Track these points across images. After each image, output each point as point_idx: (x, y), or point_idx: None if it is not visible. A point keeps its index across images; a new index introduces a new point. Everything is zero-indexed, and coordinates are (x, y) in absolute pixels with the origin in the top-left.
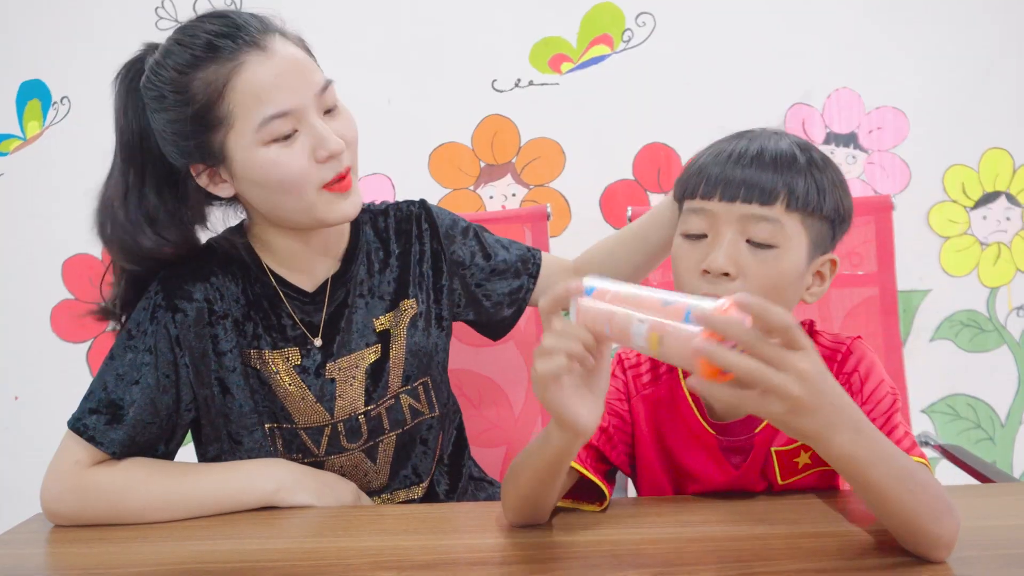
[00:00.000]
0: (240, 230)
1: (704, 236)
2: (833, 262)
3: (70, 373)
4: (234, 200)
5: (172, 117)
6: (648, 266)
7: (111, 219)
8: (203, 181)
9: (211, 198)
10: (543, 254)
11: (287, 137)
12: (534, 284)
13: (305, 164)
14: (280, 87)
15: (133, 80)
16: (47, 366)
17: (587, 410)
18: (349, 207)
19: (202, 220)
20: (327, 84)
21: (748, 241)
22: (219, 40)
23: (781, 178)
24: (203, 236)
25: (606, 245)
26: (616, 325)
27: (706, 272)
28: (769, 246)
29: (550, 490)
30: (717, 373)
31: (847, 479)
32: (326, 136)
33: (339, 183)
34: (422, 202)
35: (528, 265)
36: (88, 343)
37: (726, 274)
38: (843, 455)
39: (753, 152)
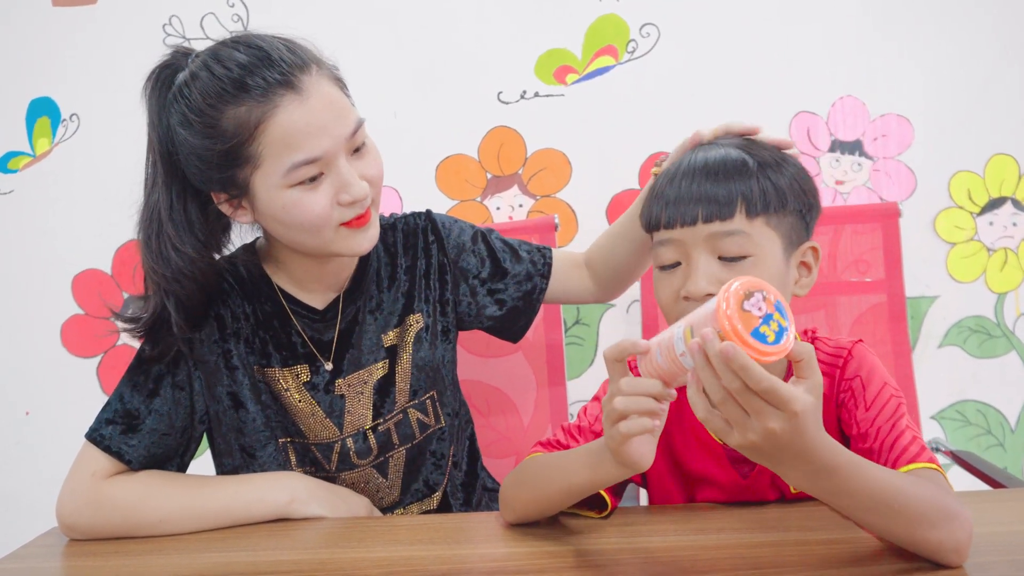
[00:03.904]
0: (252, 249)
1: (678, 264)
2: (814, 249)
3: (80, 388)
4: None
5: (198, 146)
6: (646, 261)
7: (157, 231)
8: (224, 208)
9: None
10: (553, 252)
11: (313, 179)
12: (546, 284)
13: (327, 206)
14: (312, 134)
15: (163, 89)
16: (57, 381)
17: (646, 450)
18: (365, 242)
19: (227, 230)
20: (359, 125)
21: (720, 258)
22: (251, 78)
23: (734, 187)
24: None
25: (609, 238)
26: (664, 345)
27: (687, 299)
28: (742, 257)
29: (570, 504)
30: None
31: None
32: (351, 182)
33: (358, 220)
34: (428, 213)
35: (539, 266)
36: (98, 358)
37: (710, 294)
38: (798, 485)
39: (703, 165)
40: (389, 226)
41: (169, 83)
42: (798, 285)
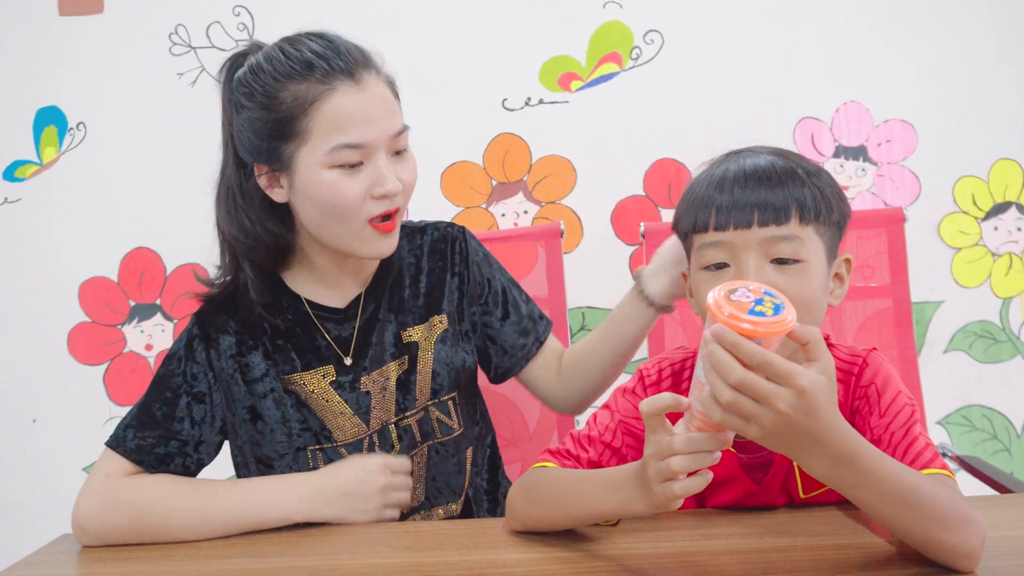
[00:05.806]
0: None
1: (725, 265)
2: (848, 261)
3: (87, 396)
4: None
5: (255, 116)
6: (625, 358)
7: (235, 205)
8: (262, 182)
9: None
10: (550, 341)
11: (352, 166)
12: (538, 350)
13: (360, 195)
14: (360, 121)
15: (234, 72)
16: (64, 389)
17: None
18: (385, 248)
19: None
20: (403, 129)
21: (772, 261)
22: (317, 60)
23: (789, 193)
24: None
25: (590, 340)
26: (695, 388)
27: None
28: (795, 261)
29: (584, 525)
30: None
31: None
32: (387, 176)
33: (385, 223)
34: (463, 228)
35: (539, 329)
36: (104, 365)
37: None
38: (820, 476)
39: (753, 171)
40: (419, 229)
41: (238, 68)
42: (832, 296)
